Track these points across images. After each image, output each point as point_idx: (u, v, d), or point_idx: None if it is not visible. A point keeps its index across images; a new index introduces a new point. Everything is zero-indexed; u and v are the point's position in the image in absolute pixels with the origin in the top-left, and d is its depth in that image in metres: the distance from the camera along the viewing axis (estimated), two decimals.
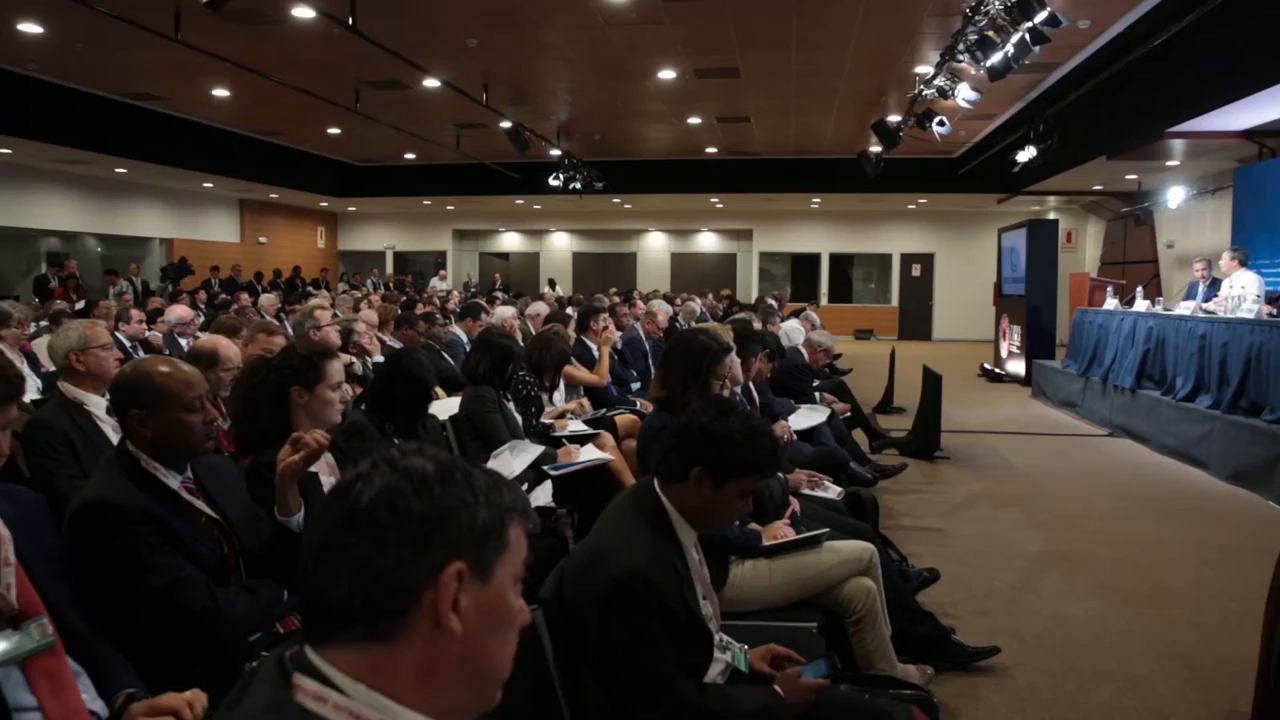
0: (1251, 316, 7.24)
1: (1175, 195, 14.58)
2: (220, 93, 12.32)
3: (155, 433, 2.10)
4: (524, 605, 0.98)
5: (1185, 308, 8.64)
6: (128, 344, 6.56)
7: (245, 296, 12.22)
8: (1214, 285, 8.76)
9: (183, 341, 6.76)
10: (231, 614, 2.04)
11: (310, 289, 17.83)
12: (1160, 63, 9.17)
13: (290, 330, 7.36)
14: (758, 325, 6.96)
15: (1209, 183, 13.98)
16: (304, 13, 8.32)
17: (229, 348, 3.82)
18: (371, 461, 0.94)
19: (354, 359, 5.69)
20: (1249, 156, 11.63)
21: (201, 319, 8.47)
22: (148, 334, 7.05)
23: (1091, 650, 3.69)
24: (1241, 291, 7.96)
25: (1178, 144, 11.42)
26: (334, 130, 15.29)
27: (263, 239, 21.02)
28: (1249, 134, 10.56)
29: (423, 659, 0.89)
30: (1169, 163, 13.17)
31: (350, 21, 7.89)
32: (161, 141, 13.97)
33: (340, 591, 0.88)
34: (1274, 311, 7.37)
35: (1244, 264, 8.33)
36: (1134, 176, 15.06)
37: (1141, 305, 9.45)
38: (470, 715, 0.95)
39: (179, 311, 7.52)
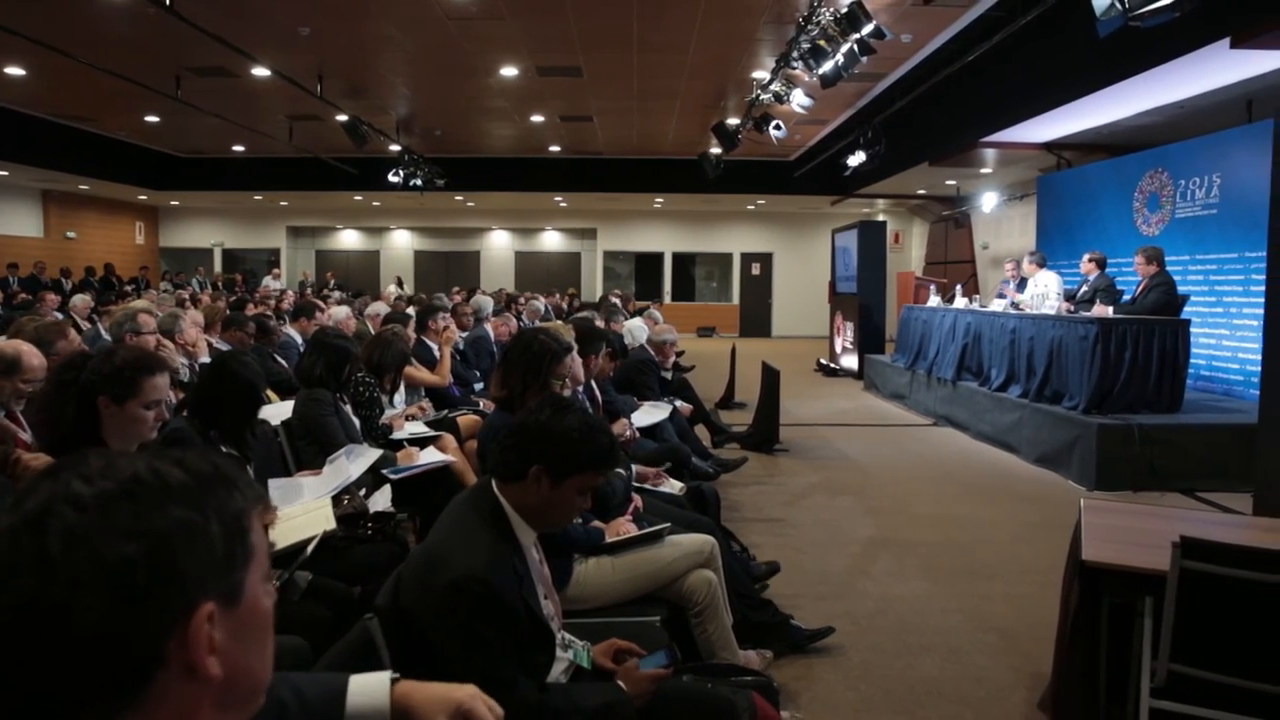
0: (1053, 313, 7.91)
1: (989, 200, 15.74)
2: (15, 71, 11.22)
3: None
4: (273, 591, 0.84)
5: (998, 305, 9.33)
6: None
7: (51, 296, 11.22)
8: (1022, 284, 9.48)
9: None
10: None
11: (128, 288, 16.60)
12: (974, 78, 9.85)
13: (105, 333, 6.82)
14: (600, 323, 7.01)
15: (1017, 189, 15.15)
16: None
17: (33, 355, 3.38)
18: (41, 502, 0.71)
19: (183, 361, 5.34)
20: (1049, 167, 12.68)
21: None
22: None
23: (918, 627, 3.92)
24: (1045, 290, 8.66)
25: (990, 153, 12.32)
26: (152, 118, 14.27)
27: (71, 234, 19.34)
28: (1049, 146, 11.51)
29: (175, 713, 0.74)
30: (983, 170, 14.18)
31: (167, 2, 7.38)
32: None
33: (49, 679, 0.68)
34: (1071, 309, 8.06)
35: (1042, 265, 9.10)
36: (953, 182, 16.12)
37: (961, 303, 10.12)
38: None
39: None
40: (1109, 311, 7.45)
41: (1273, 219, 4.86)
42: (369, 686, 1.37)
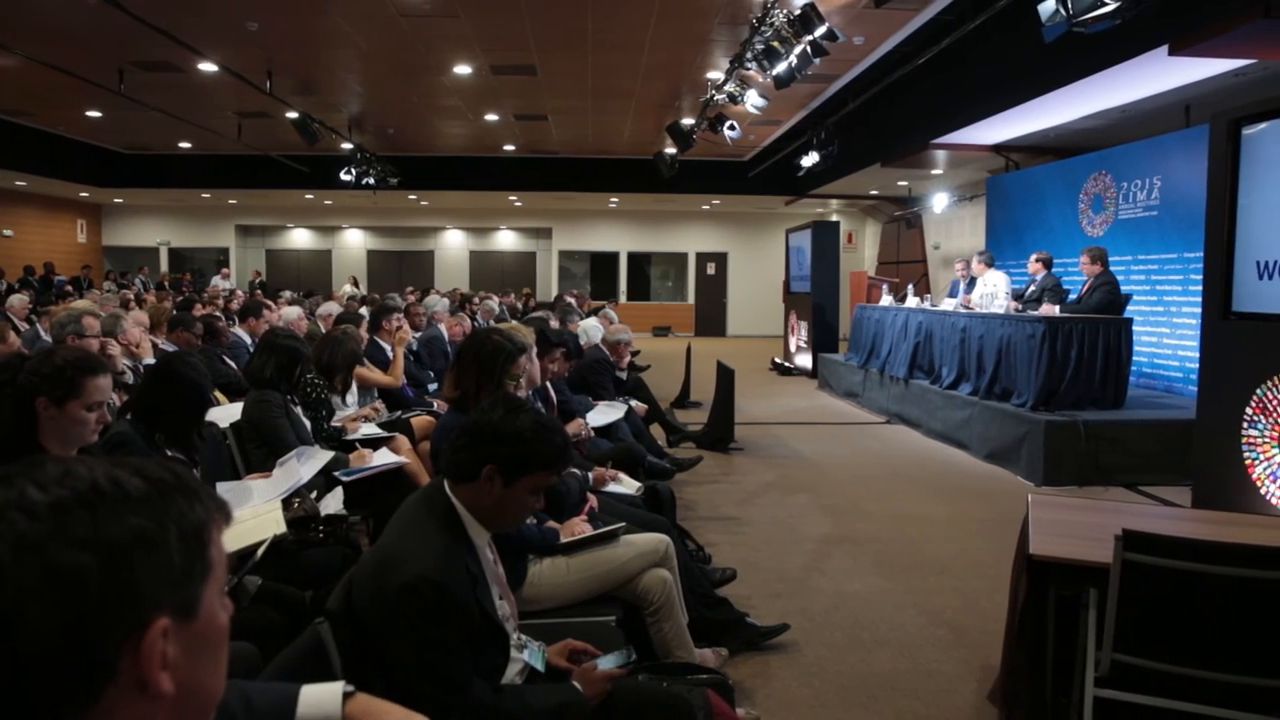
0: (1002, 312, 8.06)
1: (940, 201, 16.00)
2: None
3: None
4: (229, 604, 0.81)
5: (949, 304, 9.48)
6: None
7: None
8: (973, 283, 9.65)
9: None
10: None
11: (69, 287, 16.16)
12: (925, 81, 10.01)
13: (44, 334, 6.64)
14: (555, 323, 6.99)
15: (967, 190, 15.42)
16: None
17: None
18: None
19: (127, 362, 5.22)
20: (998, 168, 12.92)
21: None
22: None
23: (871, 622, 3.97)
24: (994, 289, 8.82)
25: (940, 154, 12.52)
26: (94, 113, 13.88)
27: (8, 232, 18.76)
28: (997, 148, 11.73)
29: None
30: (934, 171, 14.40)
31: None
32: None
33: None
34: (1019, 307, 8.22)
35: (990, 265, 9.27)
36: (905, 183, 16.35)
37: (912, 302, 10.26)
38: None
39: None
40: (1055, 310, 7.61)
41: (1209, 220, 5.00)
42: (320, 698, 1.35)
